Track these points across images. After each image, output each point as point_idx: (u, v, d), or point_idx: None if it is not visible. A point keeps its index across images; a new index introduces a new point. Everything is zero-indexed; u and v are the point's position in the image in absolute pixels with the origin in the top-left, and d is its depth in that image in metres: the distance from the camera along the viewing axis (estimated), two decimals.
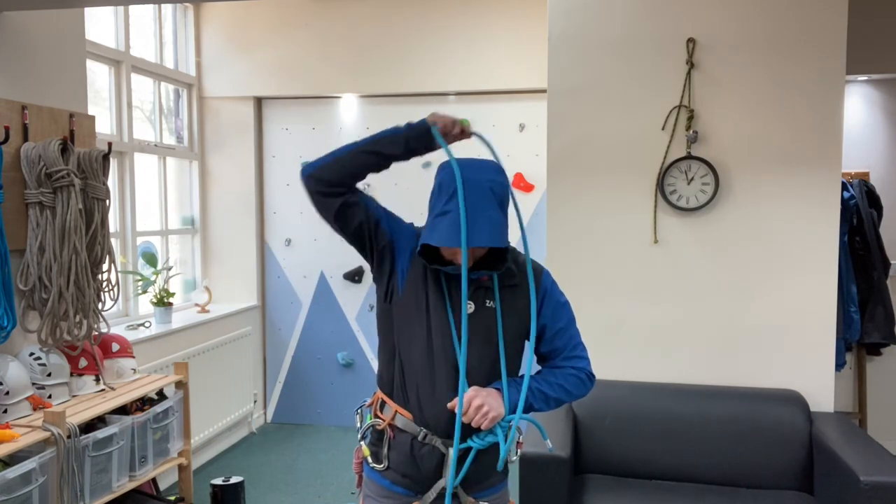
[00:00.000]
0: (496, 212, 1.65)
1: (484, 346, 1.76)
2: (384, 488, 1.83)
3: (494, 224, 1.63)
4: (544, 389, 1.78)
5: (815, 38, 3.21)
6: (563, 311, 1.85)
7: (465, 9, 4.86)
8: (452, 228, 1.62)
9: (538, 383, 1.78)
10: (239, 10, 5.10)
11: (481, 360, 1.75)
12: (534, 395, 1.76)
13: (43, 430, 2.58)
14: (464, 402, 1.67)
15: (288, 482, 4.29)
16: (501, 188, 1.68)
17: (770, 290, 3.29)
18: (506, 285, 1.79)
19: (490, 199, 1.64)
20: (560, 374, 1.82)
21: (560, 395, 1.80)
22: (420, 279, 1.77)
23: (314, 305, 5.32)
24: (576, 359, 1.84)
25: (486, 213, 1.63)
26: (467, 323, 1.71)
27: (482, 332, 1.76)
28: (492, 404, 1.68)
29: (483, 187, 1.65)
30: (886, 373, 4.52)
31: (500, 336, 1.76)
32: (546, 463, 2.75)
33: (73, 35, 3.38)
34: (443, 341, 1.74)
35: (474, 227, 1.61)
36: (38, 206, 2.91)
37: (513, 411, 1.73)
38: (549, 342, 1.84)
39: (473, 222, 1.61)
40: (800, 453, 3.01)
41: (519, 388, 1.74)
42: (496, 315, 1.76)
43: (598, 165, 3.42)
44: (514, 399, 1.73)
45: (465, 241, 1.61)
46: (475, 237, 1.61)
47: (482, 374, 1.75)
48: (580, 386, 1.83)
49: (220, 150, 5.26)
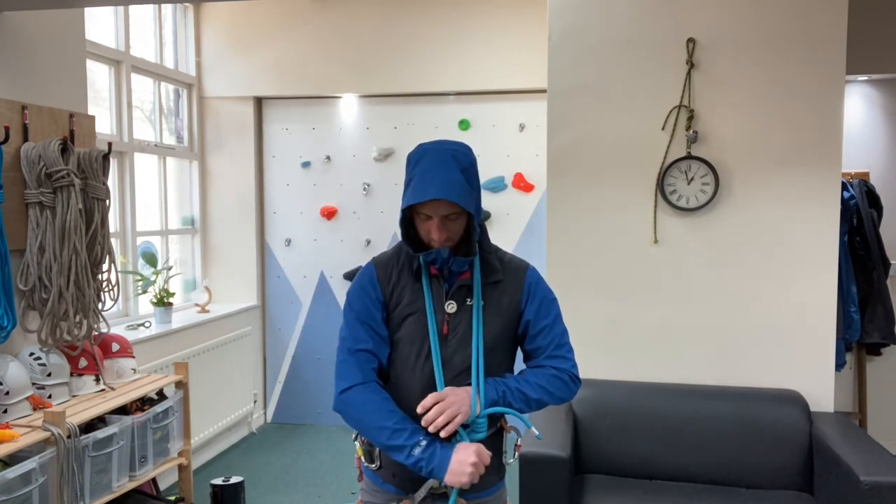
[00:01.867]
0: (457, 173, 1.68)
1: (465, 344, 1.76)
2: (377, 486, 1.84)
3: (453, 182, 1.67)
4: (524, 389, 1.75)
5: (815, 38, 3.21)
6: (549, 309, 1.83)
7: (465, 9, 4.87)
8: (416, 188, 1.67)
9: (517, 382, 1.76)
10: (239, 10, 5.10)
11: (462, 359, 1.75)
12: (512, 393, 1.74)
13: (43, 430, 2.58)
14: (428, 404, 1.67)
15: (288, 482, 4.29)
16: (465, 158, 1.73)
17: (770, 289, 3.29)
18: (489, 282, 1.79)
19: (451, 163, 1.69)
20: (541, 374, 1.79)
21: (541, 396, 1.77)
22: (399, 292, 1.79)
23: (314, 305, 5.32)
24: (559, 359, 1.81)
25: (446, 174, 1.67)
26: (451, 323, 1.75)
27: (463, 331, 1.76)
28: (459, 405, 1.67)
29: (445, 154, 1.71)
30: (886, 373, 4.52)
31: (477, 333, 1.75)
32: (546, 463, 2.75)
33: (73, 35, 3.38)
34: (420, 343, 1.75)
35: (433, 183, 1.66)
36: (38, 206, 2.91)
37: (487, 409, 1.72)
38: (533, 340, 1.82)
39: (432, 178, 1.66)
40: (800, 453, 3.01)
41: (496, 386, 1.73)
42: (472, 313, 1.76)
43: (598, 165, 3.42)
44: (489, 396, 1.71)
45: (425, 194, 1.65)
46: (431, 191, 1.65)
47: (464, 373, 1.75)
48: (563, 388, 1.80)
49: (220, 150, 5.26)
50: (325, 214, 5.26)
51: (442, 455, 1.66)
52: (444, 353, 1.75)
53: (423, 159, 1.71)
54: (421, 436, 1.67)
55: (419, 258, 1.76)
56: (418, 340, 1.76)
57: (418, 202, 1.67)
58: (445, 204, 1.68)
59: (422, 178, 1.68)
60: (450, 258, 1.73)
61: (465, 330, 1.76)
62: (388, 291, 1.80)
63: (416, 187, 1.68)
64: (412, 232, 1.79)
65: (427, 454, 1.65)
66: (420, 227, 1.76)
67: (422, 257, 1.75)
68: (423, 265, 1.78)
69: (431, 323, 1.75)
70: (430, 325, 1.75)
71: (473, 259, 1.78)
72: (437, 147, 1.73)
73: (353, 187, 5.23)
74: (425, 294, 1.77)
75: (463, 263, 1.75)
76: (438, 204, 1.69)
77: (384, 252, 1.89)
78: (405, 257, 1.81)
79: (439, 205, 1.69)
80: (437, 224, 1.70)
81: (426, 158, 1.71)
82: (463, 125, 5.06)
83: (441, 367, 1.74)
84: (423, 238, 1.76)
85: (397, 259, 1.82)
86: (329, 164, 5.26)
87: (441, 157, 1.70)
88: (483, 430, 1.73)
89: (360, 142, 5.22)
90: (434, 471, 1.65)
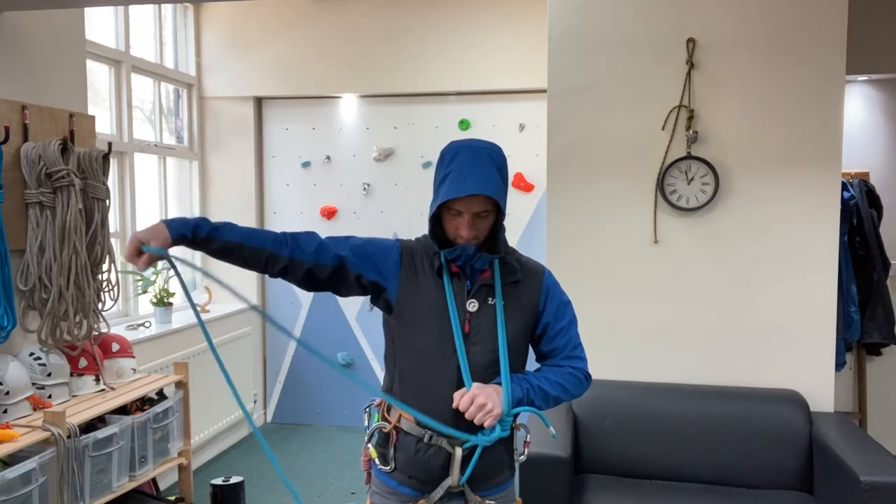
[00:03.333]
0: (493, 170, 1.70)
1: (488, 343, 1.76)
2: (391, 488, 1.84)
3: (490, 178, 1.68)
4: (544, 387, 1.79)
5: (815, 38, 3.21)
6: (566, 311, 1.86)
7: (465, 9, 4.86)
8: (453, 183, 1.67)
9: (539, 381, 1.79)
10: (239, 10, 5.09)
11: (485, 358, 1.76)
12: (534, 391, 1.77)
13: (43, 430, 2.58)
14: (466, 399, 1.67)
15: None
16: (499, 156, 1.75)
17: (770, 289, 3.29)
18: (508, 282, 1.80)
19: (487, 160, 1.71)
20: (560, 373, 1.83)
21: (559, 394, 1.81)
22: (418, 285, 1.79)
23: (314, 305, 5.32)
24: (575, 359, 1.86)
25: (483, 170, 1.68)
26: (473, 321, 1.75)
27: (486, 330, 1.77)
28: (494, 401, 1.69)
29: (480, 152, 1.72)
30: (886, 373, 4.52)
31: (501, 332, 1.76)
32: (546, 463, 2.75)
33: (73, 35, 3.38)
34: (443, 341, 1.75)
35: (470, 178, 1.67)
36: (38, 206, 2.91)
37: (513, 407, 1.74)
38: (551, 341, 1.85)
39: (469, 174, 1.67)
40: (800, 453, 3.01)
41: (520, 384, 1.75)
42: (495, 312, 1.77)
43: (598, 165, 3.42)
44: (515, 395, 1.73)
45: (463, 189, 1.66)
46: (469, 185, 1.66)
47: (487, 372, 1.75)
48: (578, 385, 1.85)
49: (220, 150, 5.26)
50: (325, 214, 5.26)
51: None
52: (467, 351, 1.75)
53: (458, 155, 1.71)
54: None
55: (441, 255, 1.76)
56: (442, 338, 1.75)
57: (457, 197, 1.67)
58: (480, 200, 1.69)
59: (459, 174, 1.68)
60: (475, 255, 1.73)
61: (487, 329, 1.77)
62: (404, 272, 1.79)
63: (454, 182, 1.68)
64: (438, 228, 1.79)
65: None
66: (448, 224, 1.75)
67: (445, 254, 1.75)
68: (445, 263, 1.78)
69: (455, 321, 1.75)
70: (453, 323, 1.75)
71: (494, 259, 1.79)
72: (472, 144, 1.75)
73: (353, 187, 5.23)
74: (447, 291, 1.77)
75: (485, 262, 1.76)
76: (473, 200, 1.69)
77: (408, 239, 1.89)
78: (424, 250, 1.81)
79: (473, 201, 1.69)
80: (468, 220, 1.71)
81: (462, 155, 1.71)
82: (463, 125, 5.05)
83: (467, 365, 1.74)
84: (450, 234, 1.77)
85: (421, 251, 1.83)
86: (329, 164, 5.25)
87: (477, 154, 1.71)
88: (508, 428, 1.77)
89: (360, 142, 5.22)
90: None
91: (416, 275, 1.79)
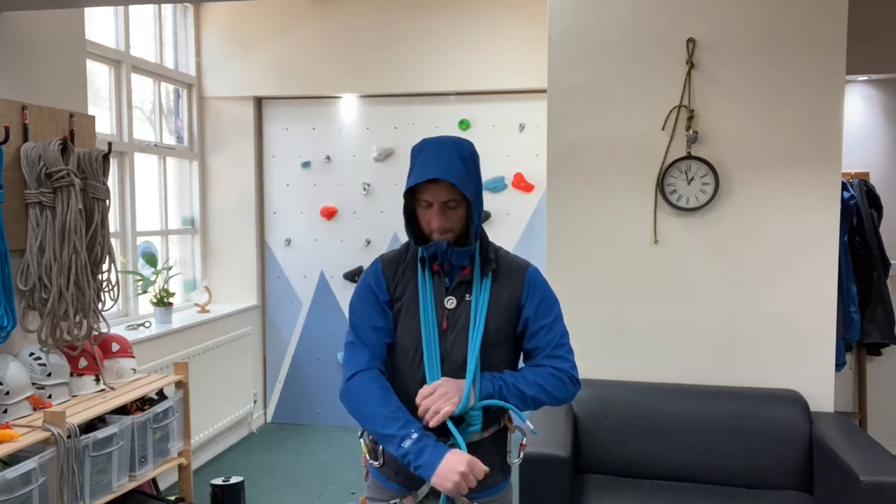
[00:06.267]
0: (456, 159, 1.73)
1: (465, 339, 1.76)
2: (381, 483, 1.85)
3: (452, 165, 1.72)
4: (520, 386, 1.75)
5: (815, 38, 3.21)
6: (550, 308, 1.83)
7: (465, 9, 4.87)
8: (416, 172, 1.73)
9: (514, 379, 1.76)
10: (239, 10, 5.10)
11: (463, 353, 1.75)
12: (508, 388, 1.74)
13: (43, 430, 2.58)
14: (428, 390, 1.68)
15: (288, 482, 4.29)
16: (465, 148, 1.78)
17: (770, 289, 3.29)
18: (486, 276, 1.81)
19: (451, 150, 1.75)
20: (539, 373, 1.79)
21: (538, 394, 1.77)
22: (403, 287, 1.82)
23: (314, 305, 5.32)
24: (558, 359, 1.80)
25: (445, 158, 1.72)
26: (451, 318, 1.77)
27: (462, 326, 1.77)
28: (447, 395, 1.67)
29: (445, 143, 1.77)
30: (886, 373, 4.52)
31: (473, 328, 1.76)
32: (546, 463, 2.75)
33: (73, 35, 3.38)
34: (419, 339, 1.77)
35: (431, 165, 1.71)
36: (38, 206, 2.91)
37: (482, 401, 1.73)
38: (532, 338, 1.82)
39: (432, 162, 1.71)
40: (800, 453, 3.01)
41: (493, 381, 1.73)
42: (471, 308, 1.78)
43: (598, 165, 3.42)
44: (485, 389, 1.72)
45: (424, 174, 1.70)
46: (430, 171, 1.70)
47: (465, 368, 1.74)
48: (561, 388, 1.79)
49: (220, 150, 5.26)
50: (325, 214, 5.26)
51: (432, 454, 1.61)
52: (443, 348, 1.76)
53: (424, 149, 1.77)
54: (414, 428, 1.64)
55: (420, 251, 1.80)
56: (417, 335, 1.77)
57: (418, 182, 1.71)
58: (445, 188, 1.72)
59: (423, 164, 1.73)
60: (448, 250, 1.75)
61: (464, 325, 1.77)
62: (392, 287, 1.83)
63: (416, 171, 1.73)
64: (415, 226, 1.82)
65: (416, 448, 1.62)
66: (422, 218, 1.79)
67: (421, 250, 1.79)
68: (426, 261, 1.81)
69: (431, 318, 1.77)
70: (430, 320, 1.76)
71: (474, 255, 1.80)
72: (439, 138, 1.81)
73: (353, 187, 5.23)
74: (426, 289, 1.79)
75: (462, 256, 1.77)
76: (439, 190, 1.72)
77: (392, 250, 1.93)
78: (411, 254, 1.85)
79: (439, 190, 1.72)
80: (437, 210, 1.74)
81: (428, 147, 1.77)
82: (463, 125, 5.06)
83: (440, 362, 1.75)
84: (425, 229, 1.79)
85: (404, 256, 1.86)
86: (329, 164, 5.26)
87: (442, 145, 1.76)
88: (478, 423, 1.74)
89: (360, 142, 5.22)
90: (421, 467, 1.62)
91: (399, 278, 1.83)
